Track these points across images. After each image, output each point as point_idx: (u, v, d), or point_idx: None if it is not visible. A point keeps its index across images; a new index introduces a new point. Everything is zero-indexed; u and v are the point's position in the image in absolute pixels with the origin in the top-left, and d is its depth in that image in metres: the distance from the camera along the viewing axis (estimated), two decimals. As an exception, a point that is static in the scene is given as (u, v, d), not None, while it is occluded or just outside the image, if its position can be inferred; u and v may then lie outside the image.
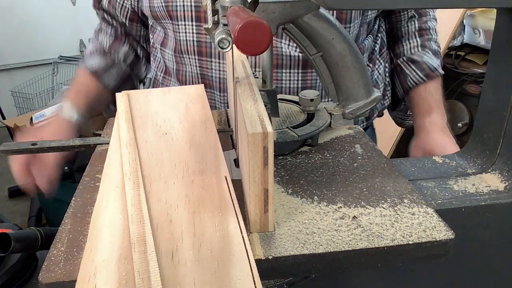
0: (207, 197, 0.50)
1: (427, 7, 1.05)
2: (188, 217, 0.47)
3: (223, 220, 0.47)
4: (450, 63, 2.31)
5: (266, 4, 0.60)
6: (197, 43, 0.92)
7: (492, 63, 0.71)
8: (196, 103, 0.73)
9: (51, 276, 0.44)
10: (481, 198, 0.66)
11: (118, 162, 0.57)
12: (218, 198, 0.50)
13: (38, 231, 0.99)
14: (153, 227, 0.45)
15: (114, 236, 0.44)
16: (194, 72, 0.95)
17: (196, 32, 0.91)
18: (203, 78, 0.95)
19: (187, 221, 0.46)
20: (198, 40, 0.92)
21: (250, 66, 0.63)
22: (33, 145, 0.69)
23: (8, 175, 3.38)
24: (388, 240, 0.49)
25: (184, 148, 0.60)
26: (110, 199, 0.50)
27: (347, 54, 0.66)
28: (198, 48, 0.92)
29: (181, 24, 0.91)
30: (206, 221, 0.46)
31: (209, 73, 0.93)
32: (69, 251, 0.47)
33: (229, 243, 0.43)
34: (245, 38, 0.41)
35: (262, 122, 0.47)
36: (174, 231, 0.45)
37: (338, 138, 0.74)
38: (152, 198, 0.50)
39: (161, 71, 1.05)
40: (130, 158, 0.56)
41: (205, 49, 0.92)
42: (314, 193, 0.58)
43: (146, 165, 0.56)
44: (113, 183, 0.53)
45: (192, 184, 0.52)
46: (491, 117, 0.71)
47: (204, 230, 0.45)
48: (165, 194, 0.51)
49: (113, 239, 0.44)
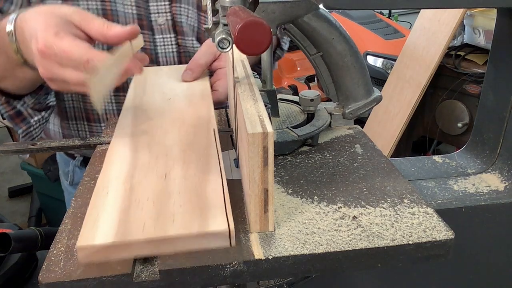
0: (196, 141, 0.62)
1: (427, 7, 1.05)
2: (180, 153, 0.59)
3: (206, 155, 0.59)
4: (450, 63, 2.31)
5: (266, 4, 0.60)
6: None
7: (492, 63, 0.71)
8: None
9: (51, 276, 0.44)
10: (481, 198, 0.66)
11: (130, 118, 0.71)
12: (205, 143, 0.62)
13: (38, 231, 0.99)
14: (153, 159, 0.58)
15: (123, 163, 0.58)
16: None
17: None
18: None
19: (179, 155, 0.59)
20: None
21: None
22: (33, 145, 0.69)
23: (8, 175, 3.39)
24: (388, 240, 0.49)
25: (183, 109, 0.73)
26: (121, 145, 0.63)
27: (347, 54, 0.66)
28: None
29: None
30: (193, 156, 0.59)
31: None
32: (69, 251, 0.47)
33: (209, 169, 0.55)
34: (245, 38, 0.41)
35: (262, 122, 0.47)
36: (169, 162, 0.57)
37: (338, 138, 0.74)
38: (153, 141, 0.63)
39: None
40: (138, 113, 0.72)
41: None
42: (314, 193, 0.58)
43: (150, 119, 0.70)
44: (125, 131, 0.67)
45: (186, 132, 0.65)
46: (491, 117, 0.71)
47: (191, 161, 0.57)
48: (164, 138, 0.63)
49: (122, 166, 0.57)
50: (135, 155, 0.59)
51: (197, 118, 0.69)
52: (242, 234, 0.50)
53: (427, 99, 2.43)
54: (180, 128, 0.66)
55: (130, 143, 0.62)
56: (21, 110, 0.85)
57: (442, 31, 2.24)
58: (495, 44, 0.70)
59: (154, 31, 0.92)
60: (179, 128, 0.66)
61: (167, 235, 0.45)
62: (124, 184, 0.53)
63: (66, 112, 0.96)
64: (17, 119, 0.85)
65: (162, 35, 0.93)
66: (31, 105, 0.85)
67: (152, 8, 0.91)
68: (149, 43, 0.92)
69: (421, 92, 2.27)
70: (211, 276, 0.46)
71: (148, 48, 0.92)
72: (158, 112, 0.72)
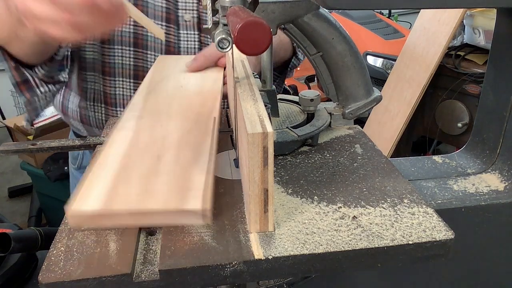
0: (196, 128, 0.66)
1: (427, 7, 1.05)
2: (178, 138, 0.63)
3: (201, 142, 0.62)
4: (450, 63, 2.31)
5: (266, 4, 0.60)
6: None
7: (492, 63, 0.71)
8: (213, 68, 0.91)
9: (51, 276, 0.44)
10: (481, 198, 0.66)
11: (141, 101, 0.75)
12: (204, 130, 0.65)
13: (38, 231, 0.99)
14: (151, 142, 0.62)
15: (123, 143, 0.61)
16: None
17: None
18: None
19: (176, 140, 0.62)
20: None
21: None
22: (33, 145, 0.69)
23: (8, 175, 3.38)
24: (388, 240, 0.49)
25: (191, 97, 0.77)
26: (125, 127, 0.67)
27: (347, 54, 0.66)
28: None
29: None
30: (190, 141, 0.62)
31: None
32: (69, 251, 0.47)
33: (200, 155, 0.58)
34: (245, 38, 0.41)
35: (262, 122, 0.47)
36: (165, 145, 0.61)
37: (338, 138, 0.74)
38: (156, 125, 0.66)
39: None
40: (149, 97, 0.76)
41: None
42: (314, 193, 0.58)
43: (159, 104, 0.73)
44: (132, 114, 0.70)
45: (188, 119, 0.68)
46: (491, 117, 0.71)
47: (185, 146, 0.61)
48: (166, 123, 0.67)
49: (122, 145, 0.61)
50: (136, 136, 0.64)
51: (202, 106, 0.73)
52: (242, 234, 0.50)
53: (427, 99, 2.43)
54: (184, 115, 0.70)
55: (134, 125, 0.67)
56: (29, 78, 0.85)
57: (442, 31, 2.24)
58: (495, 44, 0.70)
59: (180, 26, 0.96)
60: (183, 115, 0.70)
61: (147, 208, 0.49)
62: (120, 162, 0.57)
63: (86, 93, 0.98)
64: (22, 86, 0.85)
65: (186, 31, 0.97)
66: (40, 76, 0.86)
67: (180, 4, 0.95)
68: (173, 37, 0.96)
69: (421, 92, 2.27)
70: (211, 276, 0.46)
71: (172, 41, 0.96)
72: (167, 98, 0.76)
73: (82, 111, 1.01)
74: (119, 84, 0.97)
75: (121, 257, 0.46)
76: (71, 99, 1.04)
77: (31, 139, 2.52)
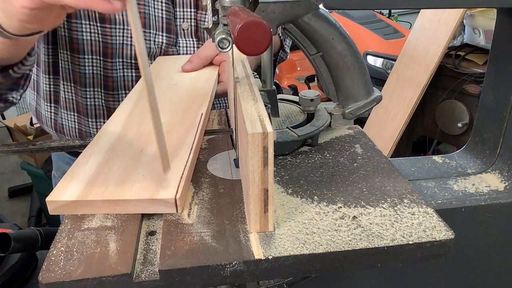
0: (182, 123, 0.70)
1: (427, 7, 1.05)
2: (164, 132, 0.62)
3: (185, 136, 0.66)
4: (450, 63, 2.31)
5: (266, 4, 0.60)
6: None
7: (492, 63, 0.71)
8: (208, 67, 0.96)
9: (51, 276, 0.44)
10: (481, 198, 0.66)
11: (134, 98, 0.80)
12: (189, 125, 0.69)
13: (38, 231, 0.99)
14: (137, 136, 0.66)
15: (110, 138, 0.66)
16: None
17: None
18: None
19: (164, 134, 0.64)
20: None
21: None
22: (33, 145, 0.69)
23: (8, 175, 3.38)
24: (388, 240, 0.49)
25: (183, 94, 0.82)
26: (115, 122, 0.71)
27: (347, 54, 0.66)
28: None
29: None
30: (174, 136, 0.66)
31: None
32: (69, 251, 0.47)
33: (181, 149, 0.63)
34: (245, 38, 0.41)
35: (262, 122, 0.47)
36: (149, 139, 0.64)
37: (338, 138, 0.74)
38: (144, 121, 0.70)
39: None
40: (143, 94, 0.78)
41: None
42: (314, 193, 0.58)
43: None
44: (126, 109, 0.76)
45: (177, 115, 0.73)
46: (491, 117, 0.71)
47: (169, 140, 0.62)
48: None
49: (109, 139, 0.65)
50: (124, 132, 0.68)
51: (192, 103, 0.77)
52: (242, 234, 0.50)
53: (427, 99, 2.43)
54: (173, 111, 0.74)
55: (123, 121, 0.71)
56: None
57: (442, 31, 2.24)
58: (495, 44, 0.70)
59: (178, 34, 0.99)
60: (172, 111, 0.74)
61: (121, 198, 0.52)
62: (104, 154, 0.61)
63: (86, 78, 0.97)
64: None
65: (185, 39, 1.00)
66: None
67: (178, 14, 0.97)
68: (172, 46, 0.99)
69: (421, 92, 2.27)
70: (211, 276, 0.46)
71: (170, 50, 1.00)
72: (160, 95, 0.79)
73: (78, 98, 0.98)
74: (90, 94, 0.97)
75: (121, 257, 0.46)
76: (63, 88, 0.99)
77: (31, 139, 2.52)
